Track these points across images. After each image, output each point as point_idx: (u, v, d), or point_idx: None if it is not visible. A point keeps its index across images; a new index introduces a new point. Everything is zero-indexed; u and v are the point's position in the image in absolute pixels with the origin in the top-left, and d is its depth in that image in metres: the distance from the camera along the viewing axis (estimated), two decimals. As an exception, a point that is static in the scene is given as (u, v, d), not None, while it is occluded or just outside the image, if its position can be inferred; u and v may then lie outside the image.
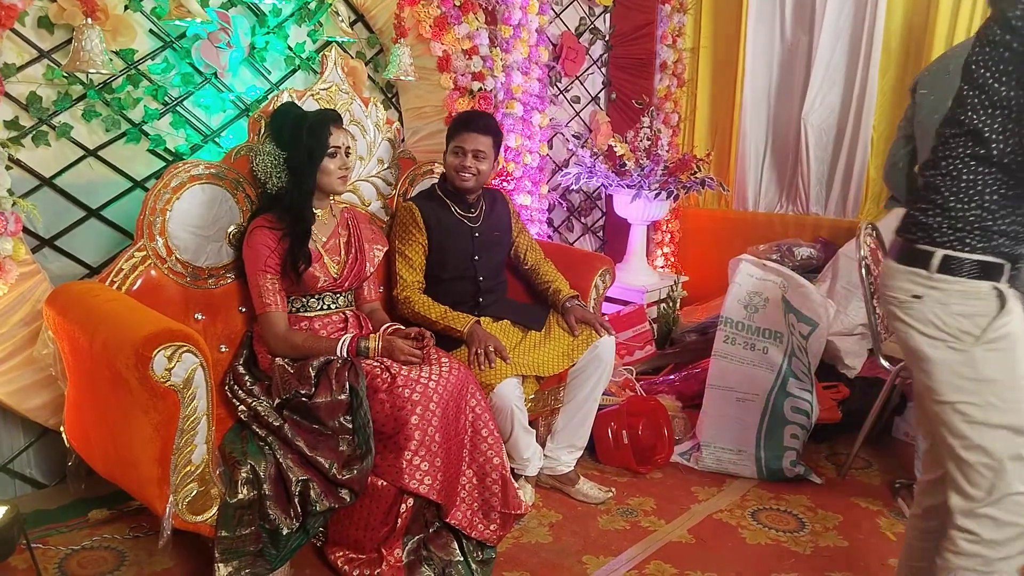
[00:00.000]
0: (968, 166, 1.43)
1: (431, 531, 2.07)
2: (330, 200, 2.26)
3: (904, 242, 1.54)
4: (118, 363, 1.68)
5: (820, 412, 2.79)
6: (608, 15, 4.11)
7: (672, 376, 3.47)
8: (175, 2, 2.34)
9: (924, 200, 1.51)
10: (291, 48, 2.77)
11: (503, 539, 2.18)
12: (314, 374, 2.00)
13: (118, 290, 2.05)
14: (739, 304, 2.84)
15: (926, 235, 1.49)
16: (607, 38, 4.13)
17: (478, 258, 2.53)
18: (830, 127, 3.91)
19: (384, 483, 1.95)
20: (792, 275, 2.87)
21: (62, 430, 2.14)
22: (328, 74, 2.43)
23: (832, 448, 3.01)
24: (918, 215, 1.51)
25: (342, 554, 2.03)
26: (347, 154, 2.18)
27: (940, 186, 1.47)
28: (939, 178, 1.48)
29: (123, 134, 2.43)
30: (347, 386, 1.97)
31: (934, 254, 1.47)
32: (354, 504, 1.94)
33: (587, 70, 4.06)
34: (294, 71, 2.81)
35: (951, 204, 1.45)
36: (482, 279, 2.54)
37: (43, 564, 2.03)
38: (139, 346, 1.62)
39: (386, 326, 2.20)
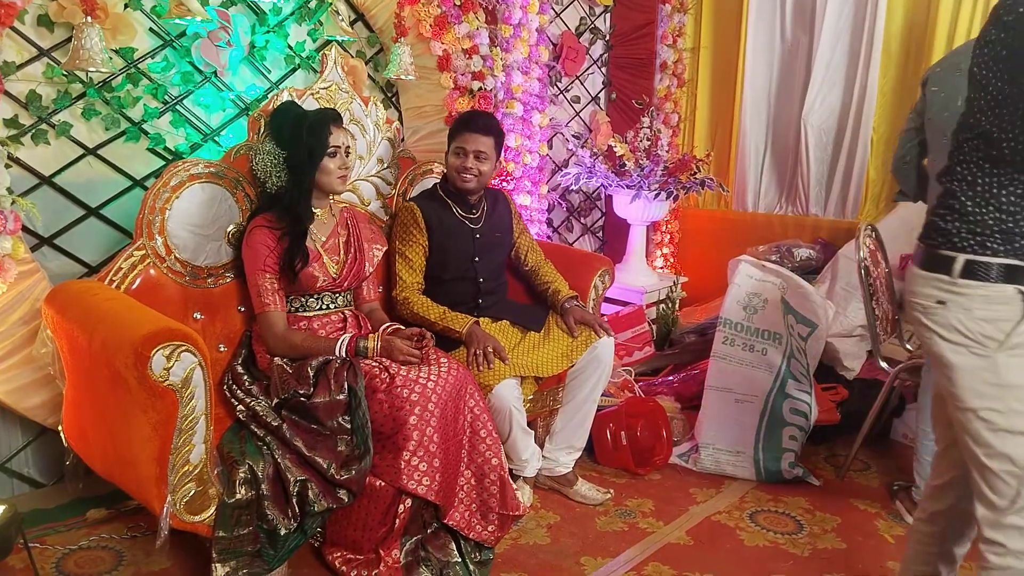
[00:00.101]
0: (983, 169, 1.43)
1: (429, 532, 2.06)
2: (329, 200, 2.25)
3: (926, 248, 1.54)
4: (117, 362, 1.68)
5: (819, 414, 2.79)
6: (608, 15, 4.10)
7: (671, 377, 3.47)
8: (175, 0, 2.34)
9: (943, 206, 1.51)
10: (291, 47, 2.77)
11: (501, 540, 2.18)
12: (313, 374, 2.00)
13: (117, 289, 2.05)
14: (738, 305, 2.84)
15: (947, 240, 1.48)
16: (607, 38, 4.13)
17: (479, 259, 2.52)
18: (830, 128, 3.90)
19: (382, 483, 1.95)
20: (791, 276, 2.87)
21: (60, 429, 2.14)
22: (328, 73, 2.43)
23: (831, 450, 3.01)
24: (938, 221, 1.51)
25: (340, 554, 2.03)
26: (347, 153, 2.18)
27: (957, 191, 1.47)
28: (955, 183, 1.48)
29: (123, 133, 2.42)
30: (346, 386, 1.97)
31: (956, 259, 1.46)
32: (352, 504, 1.93)
33: (587, 70, 4.06)
34: (294, 70, 2.80)
35: (968, 208, 1.45)
36: (482, 280, 2.53)
37: (40, 564, 2.03)
38: (138, 345, 1.62)
39: (385, 326, 2.20)
